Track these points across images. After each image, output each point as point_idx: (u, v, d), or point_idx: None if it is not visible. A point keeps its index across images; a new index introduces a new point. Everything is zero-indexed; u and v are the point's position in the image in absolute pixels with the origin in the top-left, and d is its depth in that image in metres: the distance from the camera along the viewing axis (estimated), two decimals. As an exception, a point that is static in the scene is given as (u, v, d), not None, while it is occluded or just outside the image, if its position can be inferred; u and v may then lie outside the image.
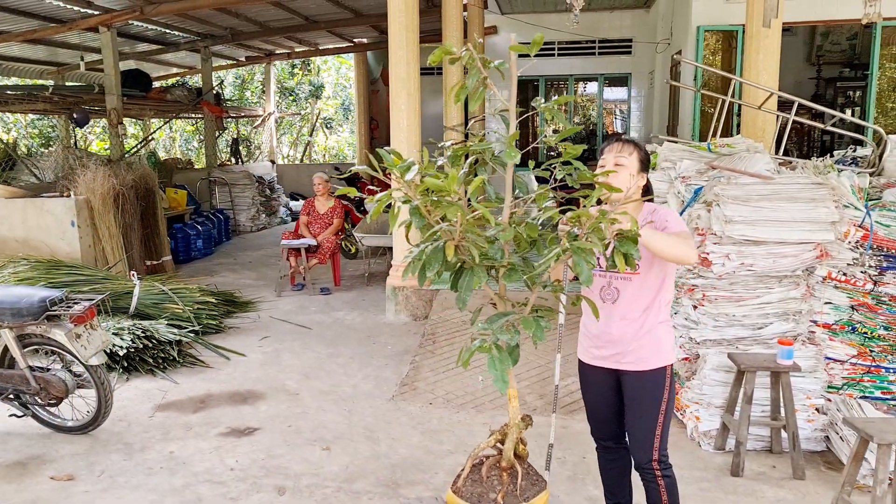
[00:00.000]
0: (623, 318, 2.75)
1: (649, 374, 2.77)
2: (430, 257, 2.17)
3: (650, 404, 2.78)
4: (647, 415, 2.78)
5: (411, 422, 4.60)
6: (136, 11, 10.16)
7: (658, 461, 2.79)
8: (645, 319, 2.74)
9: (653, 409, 2.78)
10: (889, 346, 4.31)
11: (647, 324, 2.74)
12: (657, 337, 2.77)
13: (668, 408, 2.79)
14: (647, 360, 2.76)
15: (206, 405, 4.96)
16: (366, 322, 7.05)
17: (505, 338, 2.16)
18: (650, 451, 2.79)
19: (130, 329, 5.63)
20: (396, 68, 6.76)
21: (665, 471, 2.81)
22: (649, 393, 2.78)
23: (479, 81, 2.33)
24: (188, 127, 20.85)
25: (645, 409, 2.79)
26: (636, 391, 2.80)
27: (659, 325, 2.77)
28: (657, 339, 2.77)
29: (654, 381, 2.77)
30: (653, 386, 2.77)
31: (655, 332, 2.76)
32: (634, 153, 2.76)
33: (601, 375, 2.89)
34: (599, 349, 2.84)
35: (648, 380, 2.77)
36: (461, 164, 2.54)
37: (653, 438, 2.79)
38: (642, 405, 2.79)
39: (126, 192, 8.11)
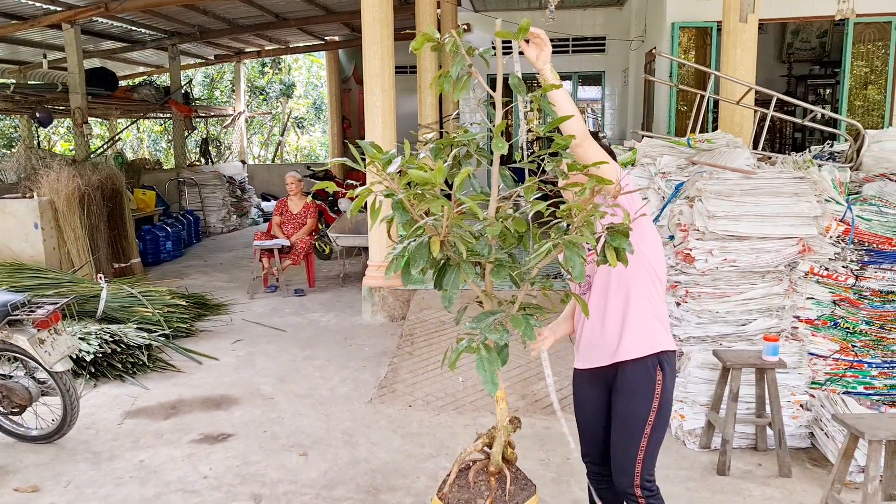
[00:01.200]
0: (598, 309, 2.54)
1: (638, 367, 2.49)
2: (415, 253, 2.06)
3: (635, 416, 2.50)
4: (631, 429, 2.51)
5: (391, 425, 4.48)
6: (101, 8, 9.90)
7: (641, 487, 2.53)
8: (624, 306, 2.50)
9: (637, 422, 2.50)
10: (871, 341, 4.29)
11: (629, 311, 2.49)
12: (644, 323, 2.50)
13: (656, 422, 2.50)
14: (633, 349, 2.49)
15: (178, 411, 4.80)
16: (342, 323, 6.91)
17: (494, 337, 2.05)
18: (630, 476, 2.53)
19: (98, 333, 5.43)
20: (370, 64, 6.63)
21: (649, 495, 2.55)
22: (637, 402, 2.50)
23: (463, 70, 2.22)
24: (156, 127, 20.48)
25: (630, 421, 2.51)
26: (622, 402, 2.53)
27: (644, 308, 2.50)
28: (644, 326, 2.50)
29: (643, 384, 2.49)
30: (641, 392, 2.49)
31: (641, 318, 2.50)
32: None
33: (592, 386, 2.66)
34: (588, 350, 2.62)
35: (637, 381, 2.50)
36: (445, 157, 2.44)
37: (633, 461, 2.52)
38: (627, 417, 2.51)
39: (92, 192, 7.87)
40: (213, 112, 17.23)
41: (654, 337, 2.52)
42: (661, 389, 2.50)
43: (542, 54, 2.39)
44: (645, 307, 2.52)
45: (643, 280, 2.53)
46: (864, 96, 9.45)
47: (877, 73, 9.22)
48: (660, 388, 2.50)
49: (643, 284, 2.53)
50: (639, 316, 2.51)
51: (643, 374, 2.51)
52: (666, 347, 2.54)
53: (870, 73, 9.30)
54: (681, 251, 4.33)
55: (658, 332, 2.54)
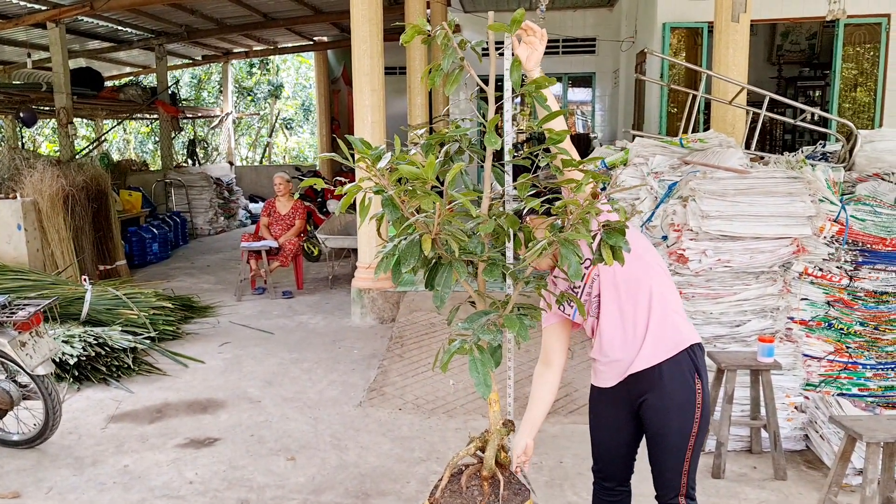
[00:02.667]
0: (614, 324, 2.40)
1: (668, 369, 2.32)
2: (406, 252, 1.99)
3: (678, 431, 2.34)
4: (673, 445, 2.36)
5: (380, 429, 4.40)
6: (86, 7, 9.78)
7: (686, 496, 2.41)
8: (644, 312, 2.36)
9: (681, 437, 2.35)
10: (865, 342, 4.25)
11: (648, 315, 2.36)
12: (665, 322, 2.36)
13: (699, 435, 2.35)
14: (659, 350, 2.34)
15: (164, 415, 4.70)
16: (330, 326, 6.82)
17: (487, 337, 1.99)
18: (677, 486, 2.40)
19: (82, 336, 5.32)
20: (360, 62, 6.55)
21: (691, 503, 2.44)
22: (675, 416, 2.34)
23: (455, 63, 2.16)
24: (143, 128, 20.31)
25: (671, 438, 2.36)
26: (658, 416, 2.37)
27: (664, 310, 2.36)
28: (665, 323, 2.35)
29: (680, 393, 2.33)
30: (679, 402, 2.34)
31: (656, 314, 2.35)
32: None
33: (615, 404, 2.50)
34: (609, 366, 2.45)
35: (670, 379, 2.33)
36: (436, 152, 2.37)
37: (680, 471, 2.38)
38: (667, 435, 2.36)
39: (76, 193, 7.75)
40: (200, 113, 17.11)
41: (678, 333, 2.38)
42: (701, 399, 2.36)
43: (533, 55, 2.32)
44: (662, 305, 2.37)
45: (652, 280, 2.40)
46: (853, 98, 9.46)
47: (867, 74, 9.23)
48: (700, 398, 2.36)
49: (653, 284, 2.39)
50: (660, 317, 2.36)
51: (680, 382, 2.35)
52: (693, 340, 2.39)
53: (859, 74, 9.31)
54: (674, 251, 4.28)
55: (679, 326, 2.40)
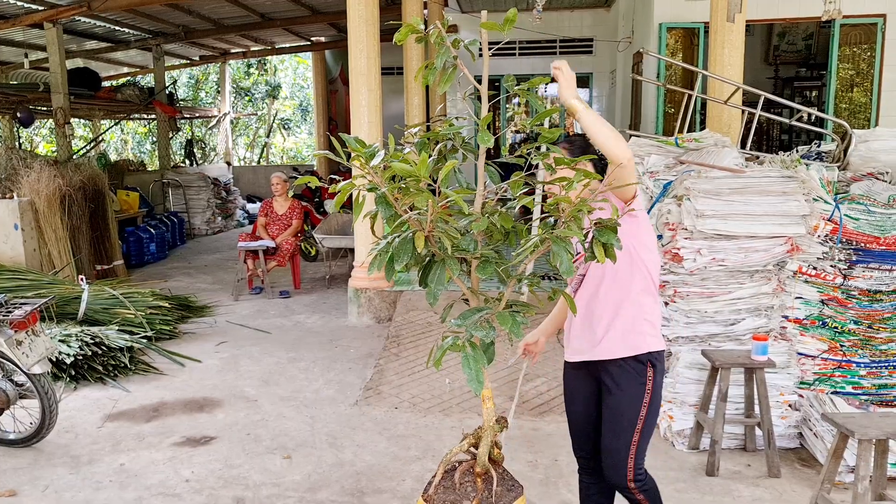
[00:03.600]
0: (589, 305, 2.53)
1: (626, 365, 2.49)
2: (399, 249, 2.01)
3: (626, 412, 2.50)
4: (621, 427, 2.50)
5: (376, 427, 4.42)
6: (83, 7, 9.77)
7: (634, 480, 2.54)
8: (615, 305, 2.50)
9: (629, 419, 2.49)
10: (859, 341, 4.27)
11: (619, 311, 2.50)
12: (634, 321, 2.50)
13: (647, 418, 2.51)
14: (623, 346, 2.49)
15: (160, 414, 4.71)
16: (327, 325, 6.83)
17: (480, 334, 2.00)
18: (623, 473, 2.53)
19: (78, 335, 5.33)
20: (356, 63, 6.57)
21: (643, 486, 2.57)
22: (626, 395, 2.49)
23: (448, 61, 2.17)
24: (140, 128, 20.30)
25: (619, 425, 2.50)
26: (611, 400, 2.53)
27: (634, 310, 2.50)
28: (633, 324, 2.50)
29: (632, 377, 2.49)
30: (631, 385, 2.49)
31: (630, 319, 2.50)
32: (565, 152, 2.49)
33: (582, 379, 2.67)
34: (577, 340, 2.61)
35: (626, 374, 2.49)
36: (429, 150, 2.39)
37: (626, 456, 2.52)
38: (618, 414, 2.51)
39: (73, 193, 7.76)
40: (197, 113, 17.10)
41: (642, 339, 2.52)
42: (651, 385, 2.52)
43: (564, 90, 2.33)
44: (635, 310, 2.53)
45: (637, 283, 2.54)
46: (849, 98, 9.49)
47: (863, 74, 9.25)
48: (650, 384, 2.52)
49: (636, 288, 2.54)
50: (628, 318, 2.52)
51: (630, 372, 2.51)
52: (653, 349, 2.53)
53: (855, 75, 9.33)
54: (669, 250, 4.30)
55: (647, 334, 2.53)
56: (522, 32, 11.29)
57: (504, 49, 12.66)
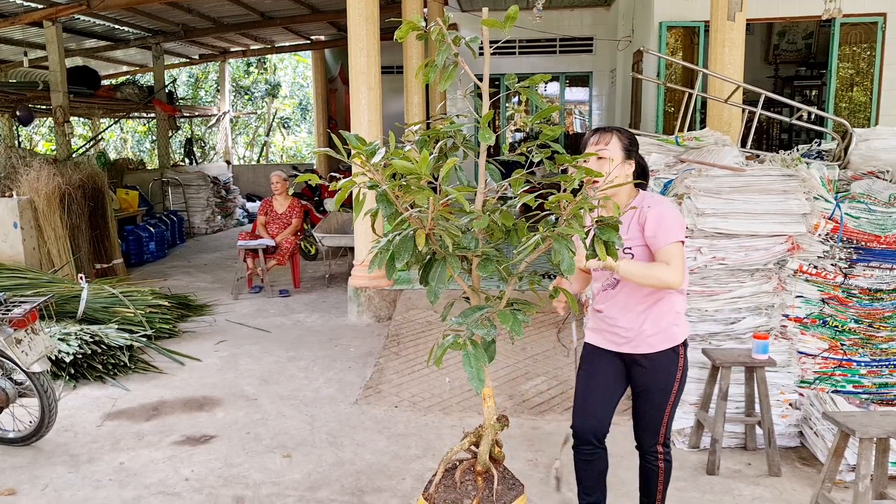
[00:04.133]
0: (625, 305, 2.72)
1: (661, 356, 2.73)
2: (400, 247, 2.00)
3: (661, 390, 2.76)
4: (656, 401, 2.77)
5: (376, 426, 4.41)
6: (83, 5, 9.76)
7: (663, 444, 2.83)
8: (649, 304, 2.70)
9: (663, 395, 2.76)
10: (860, 340, 4.26)
11: (653, 308, 2.70)
12: (667, 318, 2.72)
13: (678, 394, 2.78)
14: (658, 342, 2.72)
15: (160, 413, 4.70)
16: (327, 324, 6.82)
17: (481, 332, 1.99)
18: (656, 436, 2.82)
19: (78, 334, 5.32)
20: (356, 61, 6.56)
21: (667, 454, 2.85)
22: (661, 378, 2.75)
23: (449, 58, 2.16)
24: (140, 127, 20.28)
25: (655, 396, 2.77)
26: (646, 377, 2.77)
27: (665, 306, 2.71)
28: (667, 321, 2.72)
29: (666, 364, 2.74)
30: (665, 370, 2.74)
31: (662, 315, 2.71)
32: (614, 140, 2.70)
33: (608, 360, 2.85)
34: (609, 333, 2.81)
35: (661, 363, 2.73)
36: (430, 148, 2.38)
37: (660, 424, 2.80)
38: (652, 392, 2.77)
39: (73, 192, 7.75)
40: (197, 112, 17.09)
41: (677, 331, 2.75)
42: (683, 362, 2.77)
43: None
44: (669, 306, 2.74)
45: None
46: (849, 98, 9.48)
47: (863, 73, 9.25)
48: (682, 361, 2.77)
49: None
50: (664, 314, 2.73)
51: (666, 358, 2.75)
52: (684, 337, 2.78)
53: (856, 73, 9.33)
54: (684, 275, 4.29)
55: (680, 325, 2.77)
56: (522, 31, 11.28)
57: (504, 48, 12.65)
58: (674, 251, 2.56)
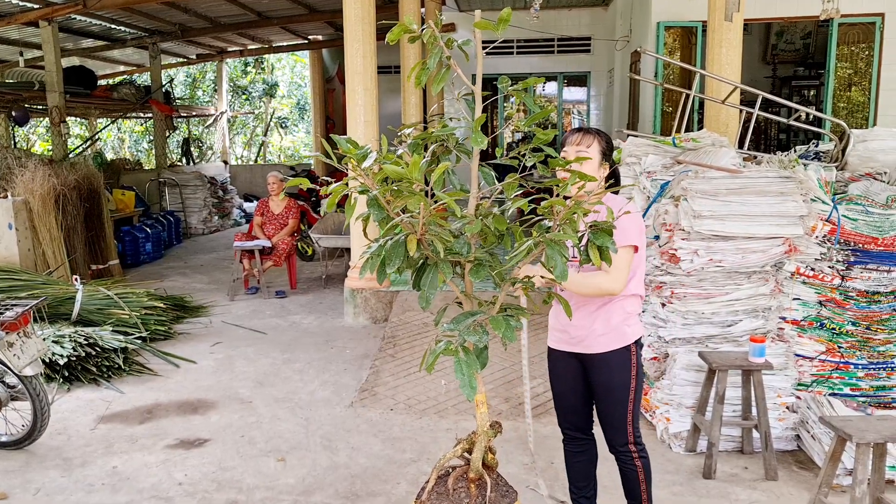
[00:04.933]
0: (576, 305, 2.73)
1: (612, 355, 2.75)
2: (391, 252, 1.98)
3: (619, 388, 2.77)
4: (617, 399, 2.78)
5: (372, 429, 4.38)
6: (79, 5, 9.74)
7: (634, 443, 2.82)
8: (599, 304, 2.74)
9: (622, 392, 2.77)
10: (857, 342, 4.24)
11: (602, 308, 2.73)
12: (617, 318, 2.74)
13: (637, 387, 2.79)
14: (609, 342, 2.74)
15: (154, 415, 4.67)
16: (323, 326, 6.80)
17: (473, 339, 1.97)
18: (625, 434, 2.81)
19: (72, 336, 5.29)
20: (352, 62, 6.53)
21: (641, 451, 2.85)
22: (616, 376, 2.76)
23: (441, 61, 2.14)
24: (137, 127, 20.23)
25: (614, 394, 2.78)
26: (602, 376, 2.79)
27: (614, 306, 2.73)
28: (617, 320, 2.74)
29: (620, 362, 2.75)
30: (619, 368, 2.76)
31: (611, 314, 2.74)
32: (595, 143, 2.73)
33: (567, 361, 2.89)
34: (562, 333, 2.85)
35: (613, 362, 2.75)
36: (422, 152, 2.36)
37: (625, 422, 2.80)
38: (611, 390, 2.78)
39: (68, 192, 7.71)
40: (194, 112, 17.06)
41: (628, 331, 2.77)
42: (635, 359, 2.77)
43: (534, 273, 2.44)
44: (621, 307, 2.76)
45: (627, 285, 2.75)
46: (847, 98, 9.46)
47: (861, 74, 9.23)
48: (635, 358, 2.77)
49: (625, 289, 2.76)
50: (616, 315, 2.76)
51: (618, 358, 2.76)
52: (636, 336, 2.79)
53: (854, 74, 9.31)
54: (666, 251, 4.27)
55: (632, 326, 2.78)
56: (519, 31, 11.26)
57: (501, 48, 12.61)
58: (620, 256, 2.53)
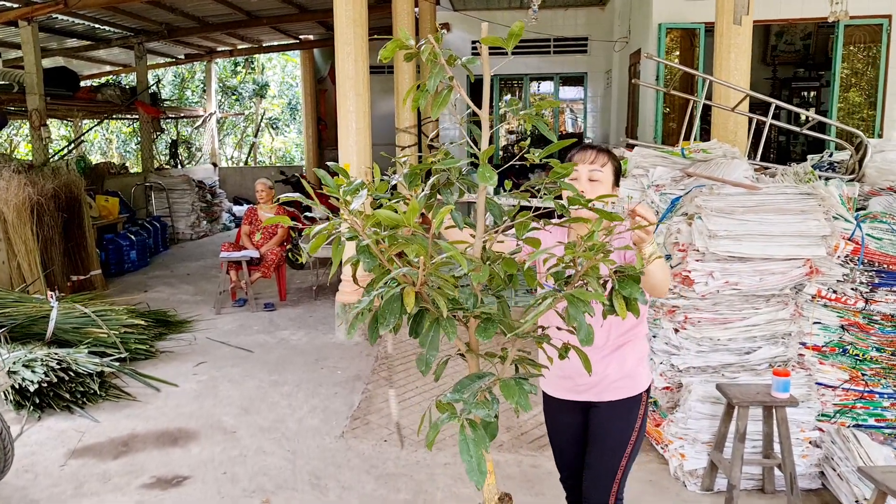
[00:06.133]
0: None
1: (621, 404, 2.48)
2: (385, 309, 1.68)
3: (617, 440, 2.49)
4: (610, 453, 2.49)
5: (364, 464, 4.08)
6: (60, 5, 9.37)
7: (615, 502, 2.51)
8: (613, 347, 2.45)
9: (619, 447, 2.49)
10: (882, 369, 3.97)
11: (617, 351, 2.45)
12: (631, 360, 2.48)
13: (636, 444, 2.51)
14: (623, 389, 2.48)
15: (130, 448, 4.36)
16: (313, 342, 6.48)
17: (481, 414, 1.67)
18: (607, 492, 2.50)
19: (44, 360, 4.96)
20: (344, 66, 6.22)
21: None
22: (618, 425, 2.49)
23: (443, 82, 1.84)
24: (125, 128, 19.82)
25: (609, 445, 2.49)
26: (603, 422, 2.50)
27: (628, 349, 2.47)
28: (632, 363, 2.48)
29: (627, 410, 2.49)
30: (625, 416, 2.49)
31: (629, 356, 2.47)
32: (609, 164, 2.43)
33: (572, 413, 2.59)
34: (567, 380, 2.53)
35: (622, 409, 2.48)
36: (419, 184, 2.06)
37: (612, 477, 2.50)
38: (607, 441, 2.50)
39: (45, 202, 7.37)
40: (182, 113, 16.68)
41: (641, 378, 2.51)
42: (643, 410, 2.51)
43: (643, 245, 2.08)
44: (635, 351, 2.50)
45: (641, 326, 2.52)
46: (852, 101, 9.20)
47: (867, 76, 8.97)
48: (642, 409, 2.51)
49: (640, 331, 2.52)
50: (630, 360, 2.48)
51: (627, 406, 2.50)
52: (649, 382, 2.55)
53: (860, 76, 9.05)
54: (679, 273, 3.99)
55: (644, 372, 2.54)
56: (515, 32, 10.94)
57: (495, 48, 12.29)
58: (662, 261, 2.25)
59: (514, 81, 13.64)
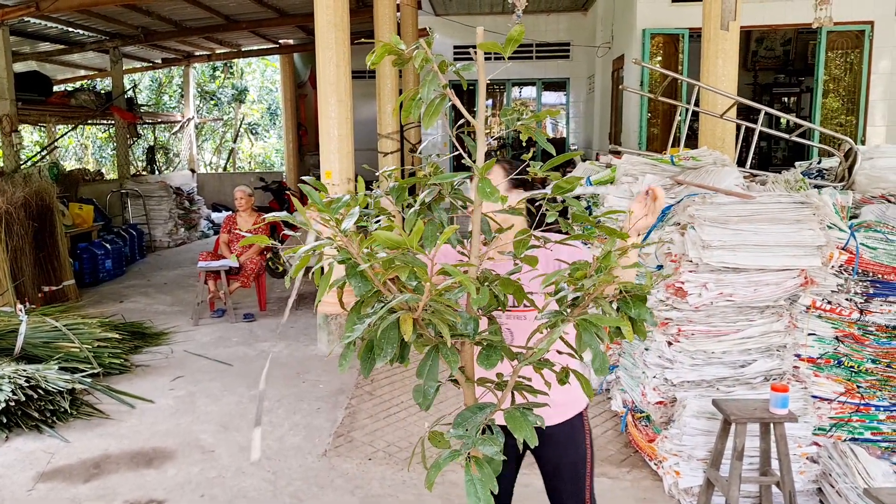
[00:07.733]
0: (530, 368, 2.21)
1: (567, 426, 2.37)
2: (381, 339, 1.54)
3: (574, 463, 2.41)
4: (572, 476, 2.42)
5: (348, 485, 3.93)
6: (31, 7, 9.14)
7: None
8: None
9: (579, 467, 2.41)
10: (878, 381, 3.90)
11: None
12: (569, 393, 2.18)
13: (591, 458, 2.45)
14: (567, 410, 2.37)
15: (102, 471, 4.17)
16: (294, 355, 6.31)
17: (488, 451, 1.55)
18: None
19: (11, 377, 4.75)
20: (325, 71, 6.07)
21: None
22: (571, 450, 2.40)
23: (436, 92, 1.71)
24: (101, 134, 19.47)
25: (568, 470, 2.41)
26: (556, 452, 2.39)
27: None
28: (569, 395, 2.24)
29: (574, 434, 2.39)
30: (574, 440, 2.39)
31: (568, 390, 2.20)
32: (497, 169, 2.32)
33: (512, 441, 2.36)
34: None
35: (568, 434, 2.38)
36: (406, 198, 1.94)
37: (583, 500, 2.44)
38: (565, 467, 2.41)
39: (14, 211, 7.13)
40: (160, 118, 16.41)
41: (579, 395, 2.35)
42: (588, 427, 2.45)
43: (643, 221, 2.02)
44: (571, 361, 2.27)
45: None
46: (829, 106, 9.21)
47: (848, 82, 8.98)
48: (587, 426, 2.45)
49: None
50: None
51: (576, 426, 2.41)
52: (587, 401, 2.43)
53: (840, 82, 9.06)
54: (672, 284, 3.89)
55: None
56: (496, 36, 10.86)
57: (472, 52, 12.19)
58: None
59: (497, 87, 13.56)
